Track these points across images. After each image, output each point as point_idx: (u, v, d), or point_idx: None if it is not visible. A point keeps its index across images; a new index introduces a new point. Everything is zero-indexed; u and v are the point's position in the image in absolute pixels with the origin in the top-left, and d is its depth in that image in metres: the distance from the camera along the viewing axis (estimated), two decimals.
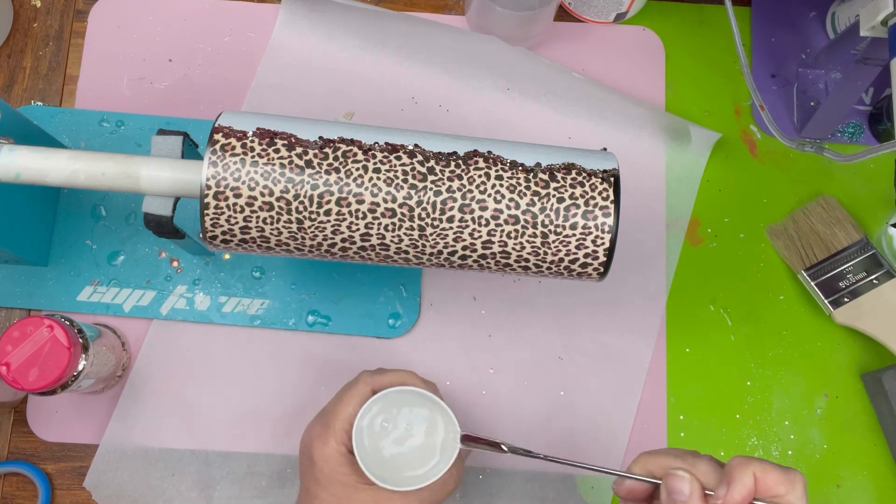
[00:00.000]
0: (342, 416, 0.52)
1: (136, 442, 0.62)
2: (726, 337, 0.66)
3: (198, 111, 0.68)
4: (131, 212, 0.65)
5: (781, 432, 0.65)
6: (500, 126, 0.69)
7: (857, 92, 0.63)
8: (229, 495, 0.61)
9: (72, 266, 0.64)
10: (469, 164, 0.49)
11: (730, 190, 0.69)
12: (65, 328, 0.53)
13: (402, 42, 0.68)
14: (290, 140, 0.48)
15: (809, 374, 0.66)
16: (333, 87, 0.69)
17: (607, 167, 0.50)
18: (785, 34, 0.72)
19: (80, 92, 0.68)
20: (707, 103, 0.71)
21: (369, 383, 0.53)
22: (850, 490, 0.64)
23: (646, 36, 0.72)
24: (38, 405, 0.62)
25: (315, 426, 0.53)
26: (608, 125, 0.69)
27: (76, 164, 0.50)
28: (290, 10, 0.69)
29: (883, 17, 0.53)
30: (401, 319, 0.64)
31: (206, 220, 0.48)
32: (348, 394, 0.53)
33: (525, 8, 0.64)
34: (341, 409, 0.52)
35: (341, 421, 0.52)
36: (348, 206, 0.48)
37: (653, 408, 0.64)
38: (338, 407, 0.53)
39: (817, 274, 0.65)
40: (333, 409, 0.53)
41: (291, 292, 0.64)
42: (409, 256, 0.50)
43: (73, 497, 0.61)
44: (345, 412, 0.52)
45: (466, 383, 0.64)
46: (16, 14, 0.69)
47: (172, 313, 0.63)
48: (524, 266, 0.50)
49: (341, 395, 0.54)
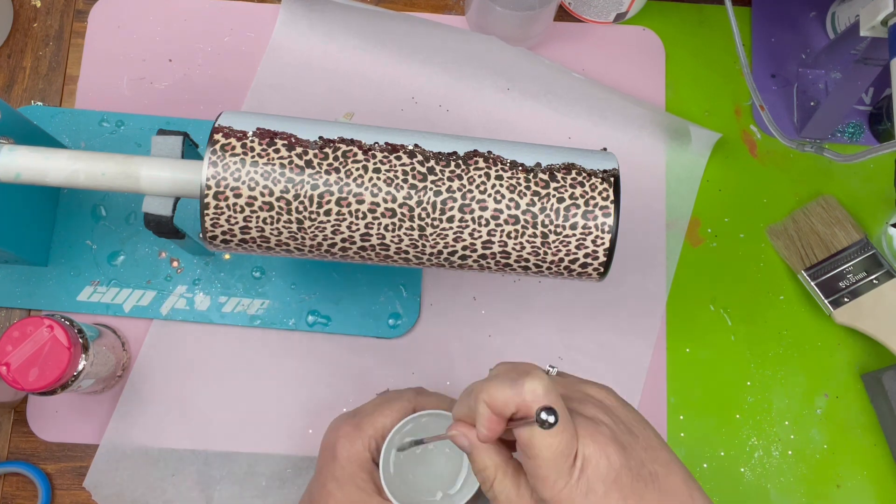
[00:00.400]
0: (377, 424, 0.52)
1: (136, 442, 0.62)
2: (726, 337, 0.66)
3: (198, 111, 0.68)
4: (131, 212, 0.65)
5: (781, 432, 0.65)
6: (500, 126, 0.69)
7: (857, 92, 0.63)
8: (229, 495, 0.61)
9: (72, 266, 0.64)
10: (469, 164, 0.49)
11: (730, 190, 0.69)
12: (65, 328, 0.53)
13: (402, 42, 0.68)
14: (290, 140, 0.48)
15: (809, 374, 0.66)
16: (333, 87, 0.69)
17: (607, 167, 0.50)
18: (785, 34, 0.72)
19: (80, 92, 0.68)
20: (707, 103, 0.71)
21: (412, 401, 0.53)
22: (850, 490, 0.64)
23: (646, 36, 0.72)
24: (38, 405, 0.62)
25: (345, 424, 0.53)
26: (608, 125, 0.69)
27: (76, 164, 0.50)
28: (290, 10, 0.69)
29: (883, 17, 0.53)
30: (401, 319, 0.64)
31: (206, 220, 0.48)
32: (390, 405, 0.53)
33: (525, 8, 0.64)
34: (378, 417, 0.52)
35: (375, 428, 0.52)
36: (348, 206, 0.48)
37: (653, 408, 0.64)
38: (374, 414, 0.52)
39: (817, 274, 0.65)
40: (370, 415, 0.53)
41: (291, 292, 0.64)
42: (409, 256, 0.50)
43: (73, 497, 0.61)
44: (381, 421, 0.52)
45: (466, 383, 0.64)
46: (16, 14, 0.69)
47: (172, 313, 0.63)
48: (524, 266, 0.50)
49: (381, 404, 0.53)
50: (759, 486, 0.64)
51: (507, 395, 0.38)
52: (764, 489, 0.64)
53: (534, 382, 0.37)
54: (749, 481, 0.64)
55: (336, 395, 0.63)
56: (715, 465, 0.64)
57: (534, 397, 0.37)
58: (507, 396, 0.38)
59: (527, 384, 0.37)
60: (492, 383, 0.39)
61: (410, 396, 0.54)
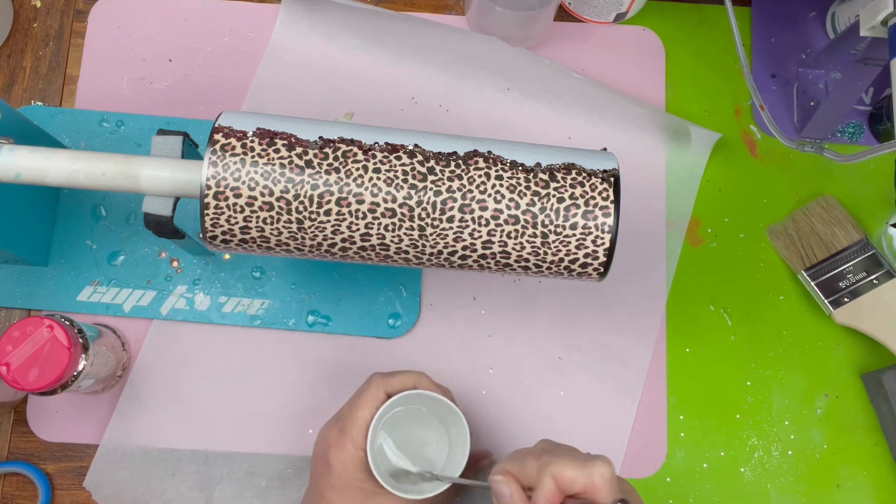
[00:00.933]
0: (358, 421, 0.52)
1: (136, 442, 0.62)
2: (726, 337, 0.66)
3: (198, 111, 0.68)
4: (131, 212, 0.65)
5: (781, 432, 0.65)
6: (500, 126, 0.69)
7: (857, 92, 0.63)
8: (229, 495, 0.61)
9: (72, 266, 0.64)
10: (469, 164, 0.49)
11: (730, 190, 0.69)
12: (65, 328, 0.53)
13: (402, 42, 0.68)
14: (290, 140, 0.48)
15: (809, 374, 0.66)
16: (333, 87, 0.69)
17: (607, 167, 0.50)
18: (785, 34, 0.72)
19: (80, 92, 0.68)
20: (707, 103, 0.71)
21: (381, 386, 0.54)
22: (850, 490, 0.64)
23: (646, 36, 0.72)
24: (38, 405, 0.62)
25: (331, 431, 0.53)
26: (608, 125, 0.69)
27: (76, 164, 0.50)
28: (290, 10, 0.69)
29: (883, 17, 0.53)
30: (401, 319, 0.64)
31: (206, 220, 0.48)
32: (362, 398, 0.53)
33: (525, 8, 0.64)
34: (357, 413, 0.52)
35: (358, 426, 0.52)
36: (348, 206, 0.48)
37: (653, 408, 0.64)
38: (353, 412, 0.53)
39: (817, 274, 0.65)
40: (349, 414, 0.53)
41: (291, 292, 0.64)
42: (409, 256, 0.50)
43: (73, 497, 0.61)
44: (361, 417, 0.52)
45: (466, 383, 0.64)
46: (16, 14, 0.69)
47: (172, 313, 0.63)
48: (524, 266, 0.50)
49: (355, 400, 0.54)
50: (759, 486, 0.64)
51: (575, 475, 0.41)
52: (764, 489, 0.64)
53: (604, 468, 0.41)
54: (749, 481, 0.64)
55: (336, 395, 0.63)
56: (715, 465, 0.64)
57: (603, 481, 0.41)
58: (576, 476, 0.41)
59: (597, 468, 0.41)
60: (562, 461, 0.42)
61: (379, 382, 0.54)
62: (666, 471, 0.64)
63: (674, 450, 0.64)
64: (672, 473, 0.64)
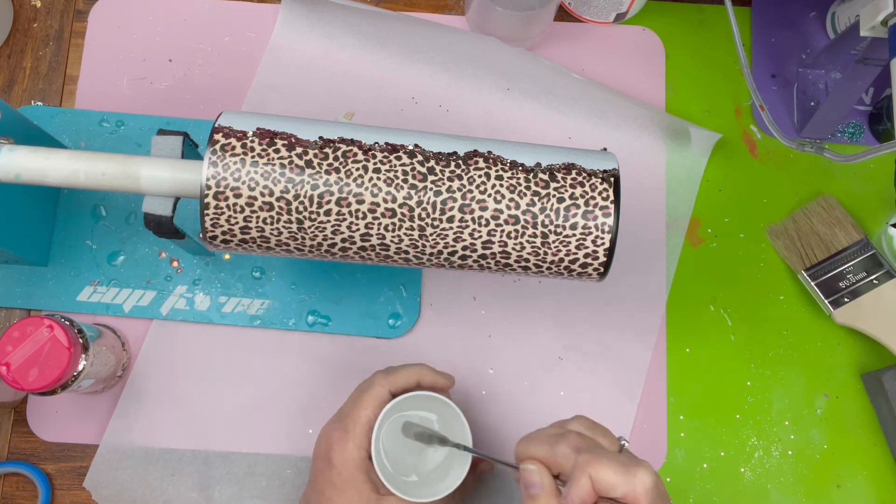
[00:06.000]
0: (361, 420, 0.52)
1: (136, 442, 0.62)
2: (726, 337, 0.66)
3: (198, 111, 0.68)
4: (131, 212, 0.65)
5: (781, 432, 0.65)
6: (500, 126, 0.69)
7: (857, 92, 0.63)
8: (229, 495, 0.61)
9: (72, 266, 0.64)
10: (469, 164, 0.49)
11: (730, 190, 0.69)
12: (65, 328, 0.53)
13: (402, 42, 0.68)
14: (290, 140, 0.48)
15: (809, 374, 0.66)
16: (333, 87, 0.69)
17: (607, 167, 0.50)
18: (785, 34, 0.72)
19: (80, 92, 0.68)
20: (707, 103, 0.71)
21: (384, 384, 0.53)
22: (850, 490, 0.64)
23: (646, 36, 0.72)
24: (38, 405, 0.62)
25: (333, 430, 0.53)
26: (608, 125, 0.69)
27: (76, 164, 0.50)
28: (290, 10, 0.69)
29: (883, 17, 0.53)
30: (401, 319, 0.64)
31: (206, 220, 0.48)
32: (365, 397, 0.53)
33: (525, 8, 0.64)
34: (359, 412, 0.52)
35: (360, 425, 0.52)
36: (348, 206, 0.48)
37: (653, 408, 0.64)
38: (355, 410, 0.52)
39: (817, 274, 0.65)
40: (351, 413, 0.53)
41: (291, 292, 0.64)
42: (409, 256, 0.50)
43: (73, 497, 0.61)
44: (364, 416, 0.52)
45: (466, 383, 0.64)
46: (16, 14, 0.69)
47: (172, 313, 0.63)
48: (524, 266, 0.50)
49: (358, 398, 0.53)
50: (759, 486, 0.64)
51: (616, 481, 0.40)
52: (764, 489, 0.64)
53: (646, 476, 0.40)
54: (749, 481, 0.64)
55: (336, 395, 0.63)
56: (715, 465, 0.64)
57: (644, 490, 0.40)
58: (617, 482, 0.40)
59: (639, 475, 0.40)
60: (602, 462, 0.41)
61: (381, 381, 0.53)
62: (666, 471, 0.64)
63: (674, 450, 0.64)
64: (672, 473, 0.64)
